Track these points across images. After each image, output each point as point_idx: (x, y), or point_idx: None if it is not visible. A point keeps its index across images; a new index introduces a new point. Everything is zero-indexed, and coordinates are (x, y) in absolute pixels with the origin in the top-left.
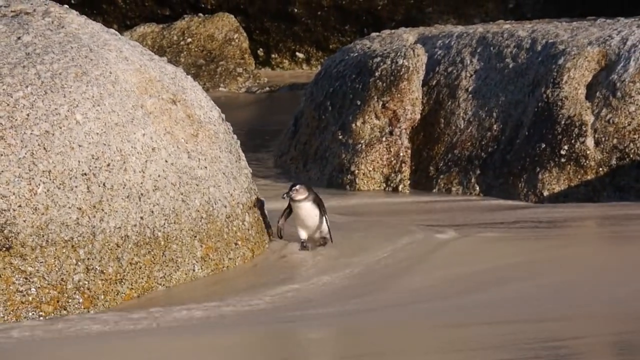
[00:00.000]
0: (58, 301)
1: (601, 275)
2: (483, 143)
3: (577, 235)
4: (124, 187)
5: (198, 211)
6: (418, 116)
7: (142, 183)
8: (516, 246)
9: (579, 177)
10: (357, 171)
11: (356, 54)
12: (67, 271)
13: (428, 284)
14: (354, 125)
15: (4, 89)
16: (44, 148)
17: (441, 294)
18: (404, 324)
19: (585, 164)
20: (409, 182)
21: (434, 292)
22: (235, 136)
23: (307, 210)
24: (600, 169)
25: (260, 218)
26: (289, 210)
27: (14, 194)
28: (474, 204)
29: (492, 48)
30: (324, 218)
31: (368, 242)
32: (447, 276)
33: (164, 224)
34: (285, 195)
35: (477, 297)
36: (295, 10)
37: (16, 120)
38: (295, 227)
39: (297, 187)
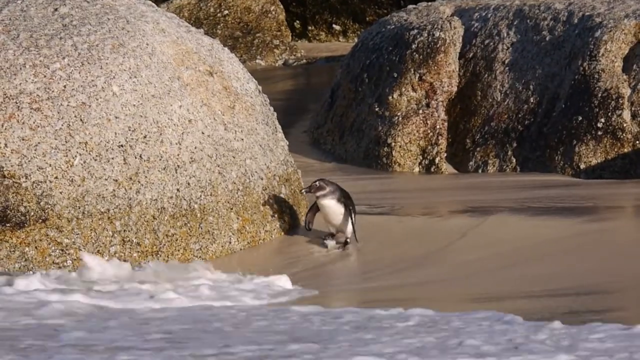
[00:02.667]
0: None
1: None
2: (520, 116)
3: (618, 211)
4: (160, 159)
5: (234, 183)
6: (455, 89)
7: (178, 155)
8: (557, 222)
9: (615, 150)
10: (393, 144)
11: (393, 26)
12: (103, 243)
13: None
14: (390, 97)
15: (40, 61)
16: (81, 120)
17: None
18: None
19: (621, 136)
20: (445, 154)
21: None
22: (271, 108)
23: (331, 208)
24: (637, 141)
25: (297, 190)
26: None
27: (50, 165)
28: (512, 179)
29: (528, 21)
30: (349, 218)
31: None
32: (488, 254)
33: (200, 196)
34: (304, 191)
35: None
36: None
37: (53, 91)
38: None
39: (318, 183)
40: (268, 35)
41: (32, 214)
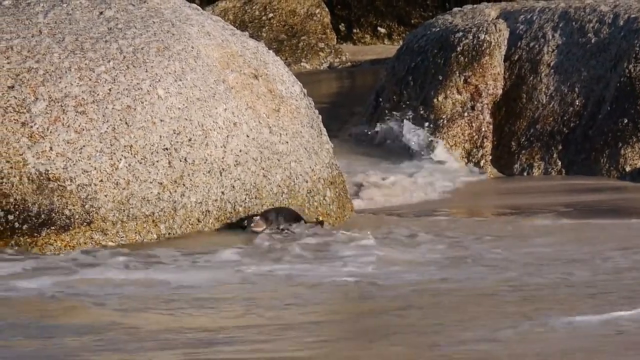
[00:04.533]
0: None
1: None
2: (565, 118)
3: None
4: (205, 162)
5: (279, 186)
6: (500, 91)
7: (223, 158)
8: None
9: None
10: (438, 147)
11: (438, 29)
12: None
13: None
14: (435, 100)
15: (86, 64)
16: (126, 123)
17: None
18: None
19: None
20: (490, 157)
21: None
22: (316, 111)
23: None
24: None
25: (342, 193)
26: None
27: (95, 168)
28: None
29: (574, 23)
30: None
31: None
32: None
33: (245, 199)
34: (245, 225)
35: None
36: None
37: (98, 94)
38: None
39: (258, 218)
40: (313, 38)
41: (77, 217)
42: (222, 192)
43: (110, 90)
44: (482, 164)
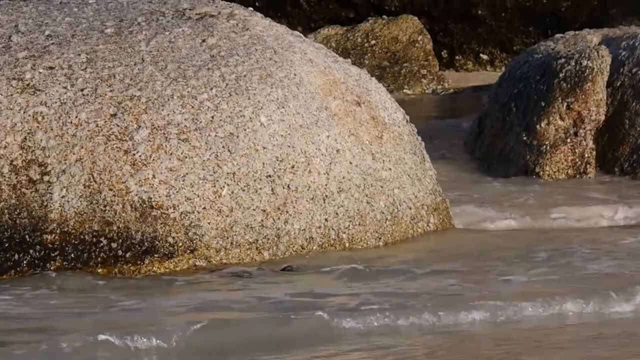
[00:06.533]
0: None
1: None
2: None
3: None
4: (308, 189)
5: (382, 213)
6: (602, 117)
7: (326, 185)
8: None
9: None
10: (541, 172)
11: (540, 55)
12: None
13: None
14: (538, 126)
15: (188, 92)
16: (229, 150)
17: None
18: None
19: None
20: None
21: None
22: (419, 138)
23: None
24: None
25: (445, 219)
26: None
27: (198, 196)
28: None
29: None
30: None
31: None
32: None
33: (349, 225)
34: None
35: None
36: (479, 12)
37: (201, 122)
38: None
39: None
40: (415, 65)
41: (181, 244)
42: (326, 219)
43: (212, 117)
44: None
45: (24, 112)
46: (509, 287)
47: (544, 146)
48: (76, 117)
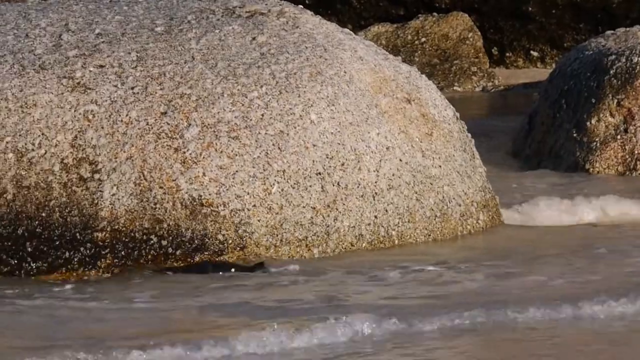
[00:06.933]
0: None
1: None
2: None
3: None
4: (358, 187)
5: (432, 210)
6: None
7: (376, 182)
8: None
9: None
10: (591, 169)
11: (591, 52)
12: None
13: None
14: (588, 123)
15: (238, 89)
16: (279, 148)
17: None
18: None
19: None
20: None
21: None
22: (469, 135)
23: None
24: None
25: (495, 216)
26: None
27: (248, 193)
28: None
29: None
30: None
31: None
32: None
33: (398, 222)
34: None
35: None
36: (530, 8)
37: (251, 120)
38: None
39: None
40: (465, 62)
41: (231, 241)
42: (375, 216)
43: (262, 115)
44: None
45: (74, 111)
46: None
47: (594, 143)
48: (127, 115)
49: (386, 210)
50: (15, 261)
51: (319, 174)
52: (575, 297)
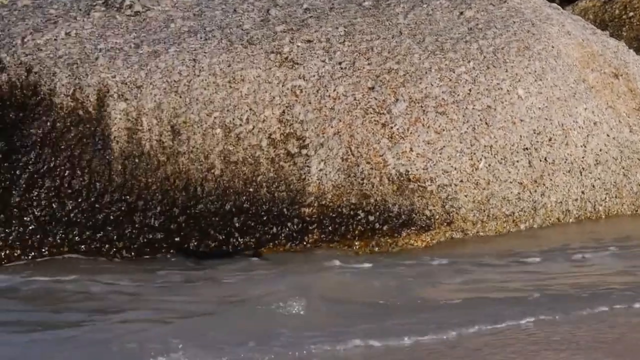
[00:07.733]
0: None
1: None
2: None
3: None
4: (565, 162)
5: (639, 185)
6: None
7: (583, 157)
8: None
9: None
10: None
11: None
12: None
13: None
14: None
15: (446, 64)
16: (486, 123)
17: None
18: None
19: None
20: None
21: None
22: None
23: None
24: None
25: None
26: None
27: (455, 169)
28: None
29: None
30: None
31: None
32: None
33: (605, 198)
34: None
35: None
36: None
37: (458, 95)
38: None
39: None
40: None
41: (437, 217)
42: (582, 192)
43: (470, 90)
44: None
45: (282, 86)
46: None
47: None
48: (334, 90)
49: (593, 186)
50: (223, 236)
51: (526, 149)
52: None
